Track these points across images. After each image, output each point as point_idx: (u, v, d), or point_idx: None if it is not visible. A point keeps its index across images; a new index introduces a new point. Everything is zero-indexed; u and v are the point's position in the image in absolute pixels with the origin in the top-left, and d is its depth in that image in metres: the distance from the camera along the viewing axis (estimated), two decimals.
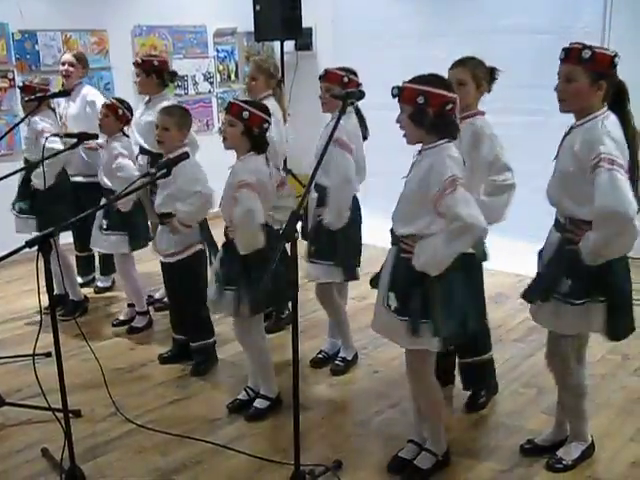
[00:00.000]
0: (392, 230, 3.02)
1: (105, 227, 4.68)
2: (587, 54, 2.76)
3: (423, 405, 3.20)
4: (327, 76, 3.96)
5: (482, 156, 3.37)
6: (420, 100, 2.77)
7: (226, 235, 3.59)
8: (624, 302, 2.95)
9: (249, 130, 3.48)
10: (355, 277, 4.06)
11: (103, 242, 4.76)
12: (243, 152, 3.54)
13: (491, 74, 3.46)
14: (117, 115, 4.60)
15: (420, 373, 3.11)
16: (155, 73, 5.04)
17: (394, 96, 2.84)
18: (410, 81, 2.84)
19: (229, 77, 8.31)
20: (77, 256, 5.69)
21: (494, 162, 3.40)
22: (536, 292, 3.05)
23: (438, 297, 2.84)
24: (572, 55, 2.80)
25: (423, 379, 3.13)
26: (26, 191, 4.92)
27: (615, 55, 2.79)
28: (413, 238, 2.87)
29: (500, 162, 3.41)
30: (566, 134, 2.94)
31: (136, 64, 5.06)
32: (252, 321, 3.71)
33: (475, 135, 3.37)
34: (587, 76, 2.77)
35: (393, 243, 3.02)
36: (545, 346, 3.23)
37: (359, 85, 3.93)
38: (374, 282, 3.13)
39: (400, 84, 2.84)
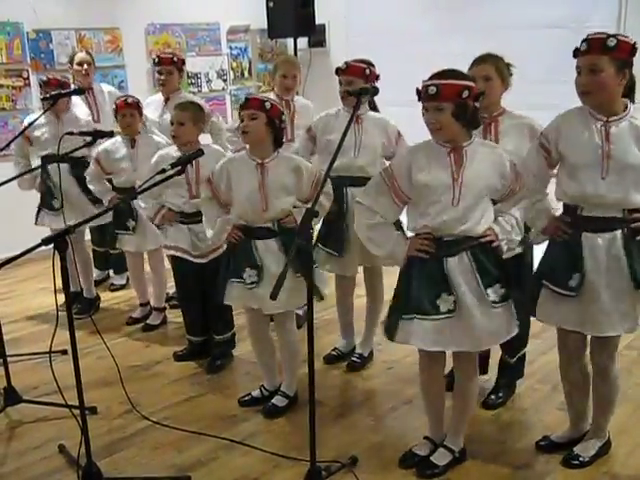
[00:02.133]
0: (443, 239, 2.92)
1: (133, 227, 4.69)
2: (612, 42, 2.71)
3: (466, 401, 3.20)
4: (349, 69, 3.93)
5: None
6: (465, 94, 2.77)
7: (280, 227, 3.54)
8: None
9: (271, 121, 3.46)
10: None
11: (160, 237, 4.56)
12: (267, 146, 3.51)
13: (508, 69, 3.45)
14: (140, 110, 4.65)
15: (474, 369, 3.15)
16: (181, 71, 5.10)
17: (431, 96, 2.78)
18: (438, 77, 2.82)
19: (242, 74, 8.31)
20: (94, 250, 5.72)
21: None
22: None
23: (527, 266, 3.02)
24: (596, 45, 2.74)
25: (475, 375, 3.18)
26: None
27: (635, 43, 2.77)
28: (488, 230, 2.93)
29: None
30: (607, 132, 2.82)
31: (169, 61, 5.04)
32: (292, 316, 3.73)
33: (533, 129, 3.35)
34: (613, 65, 2.73)
35: (453, 253, 2.91)
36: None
37: (378, 76, 3.94)
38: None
39: (421, 84, 2.83)
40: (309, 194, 3.56)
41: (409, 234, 3.10)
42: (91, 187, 4.80)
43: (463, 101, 2.78)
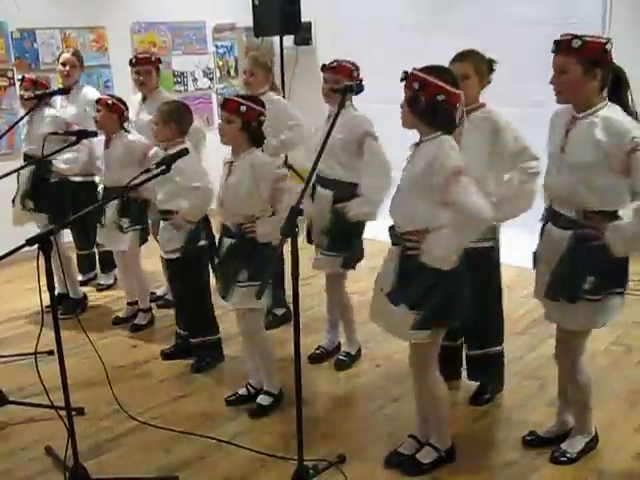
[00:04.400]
0: (392, 228, 3.00)
1: (127, 225, 4.65)
2: (577, 44, 2.75)
3: (427, 400, 3.19)
4: (338, 68, 3.93)
5: (508, 146, 3.40)
6: (415, 86, 2.81)
7: (241, 230, 3.56)
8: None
9: (247, 125, 3.50)
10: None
11: (123, 241, 4.67)
12: (243, 147, 3.55)
13: (489, 65, 3.46)
14: (108, 107, 4.54)
15: (424, 368, 3.10)
16: (158, 70, 5.07)
17: (401, 80, 2.88)
18: (419, 69, 2.86)
19: (229, 73, 8.29)
20: (78, 254, 5.70)
21: (523, 151, 3.42)
22: (560, 293, 2.95)
23: (450, 289, 2.87)
24: (562, 47, 2.80)
25: (427, 374, 3.11)
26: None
27: (607, 42, 2.77)
28: (417, 234, 2.87)
29: (528, 150, 3.43)
30: (568, 127, 2.89)
31: (147, 61, 5.01)
32: (260, 316, 3.75)
33: (495, 126, 3.38)
34: (580, 66, 2.76)
35: (395, 243, 3.00)
36: (550, 339, 3.24)
37: (361, 80, 3.92)
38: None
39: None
40: (267, 194, 3.53)
41: None
42: None
43: (415, 94, 2.82)
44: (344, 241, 3.97)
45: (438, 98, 2.80)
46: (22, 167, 4.61)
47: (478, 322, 3.32)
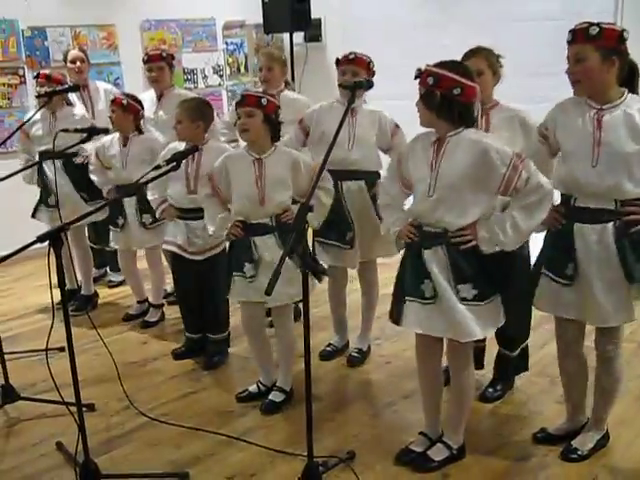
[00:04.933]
0: (419, 228, 2.96)
1: (151, 221, 4.65)
2: (595, 30, 2.72)
3: (457, 396, 3.18)
4: (356, 60, 3.93)
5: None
6: (430, 81, 2.79)
7: (280, 221, 3.55)
8: None
9: (268, 117, 3.48)
10: None
11: (149, 237, 4.68)
12: (267, 142, 3.54)
13: (498, 61, 3.45)
14: (123, 107, 4.55)
15: (467, 360, 3.11)
16: (173, 66, 5.08)
17: (415, 77, 2.87)
18: (432, 65, 2.85)
19: (239, 70, 8.30)
20: (91, 248, 5.71)
21: None
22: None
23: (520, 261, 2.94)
24: (579, 35, 2.77)
25: (469, 366, 3.13)
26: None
27: (624, 30, 2.75)
28: (469, 227, 2.87)
29: None
30: (598, 119, 2.82)
31: (159, 57, 5.01)
32: (289, 310, 3.74)
33: (525, 123, 3.37)
34: (598, 53, 2.73)
35: (429, 246, 2.92)
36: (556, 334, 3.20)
37: (374, 73, 3.94)
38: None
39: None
40: (306, 188, 3.54)
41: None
42: (93, 177, 4.83)
43: (429, 89, 2.80)
44: None
45: (454, 92, 2.78)
46: (38, 162, 4.64)
47: (512, 321, 3.19)
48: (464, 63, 3.04)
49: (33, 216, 5.09)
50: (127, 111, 4.57)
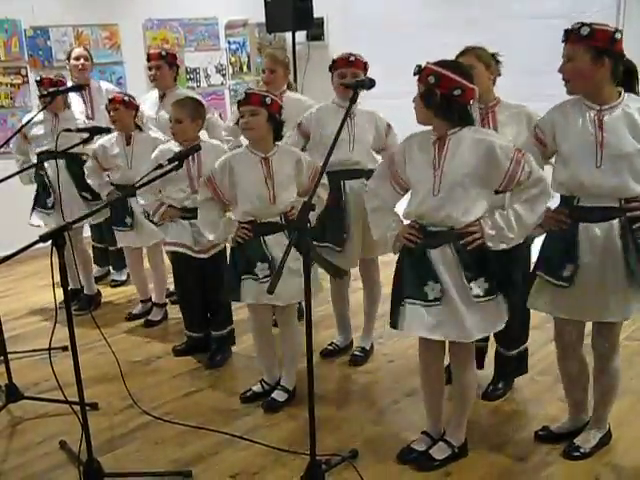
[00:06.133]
0: (424, 228, 2.95)
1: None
2: (585, 31, 2.74)
3: (462, 396, 3.18)
4: (356, 62, 3.94)
5: None
6: (431, 80, 2.79)
7: (288, 219, 3.57)
8: None
9: (272, 116, 3.49)
10: None
11: (157, 233, 4.56)
12: (270, 141, 3.55)
13: (493, 58, 3.44)
14: (125, 104, 4.55)
15: (469, 359, 3.11)
16: (175, 66, 5.08)
17: (415, 74, 2.87)
18: (433, 63, 2.85)
19: (241, 69, 8.30)
20: (94, 247, 5.73)
21: None
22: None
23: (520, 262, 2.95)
24: (571, 35, 2.79)
25: (471, 365, 3.13)
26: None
27: (616, 30, 2.75)
28: (473, 224, 2.87)
29: None
30: (599, 119, 2.82)
31: (157, 56, 5.01)
32: (295, 309, 3.76)
33: (531, 118, 3.35)
34: (588, 54, 2.74)
35: (436, 245, 2.92)
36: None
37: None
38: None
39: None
40: (307, 186, 3.60)
41: (405, 222, 3.10)
42: (89, 181, 4.81)
43: (430, 86, 2.80)
44: None
45: (454, 93, 2.79)
46: (32, 165, 4.65)
47: (512, 320, 3.18)
48: (463, 63, 3.03)
49: (30, 222, 5.05)
50: (128, 107, 4.59)
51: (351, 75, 3.90)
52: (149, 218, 4.49)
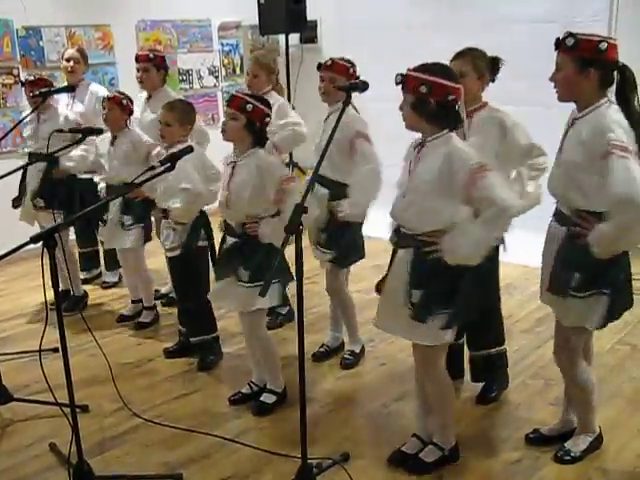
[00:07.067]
0: (397, 231, 3.00)
1: (130, 223, 4.63)
2: (570, 42, 2.76)
3: (434, 398, 3.16)
4: (334, 67, 3.93)
5: (517, 144, 3.39)
6: (423, 90, 2.76)
7: (244, 229, 3.54)
8: (624, 295, 2.93)
9: (251, 124, 3.47)
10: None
11: (125, 239, 4.65)
12: (246, 146, 3.52)
13: (493, 64, 3.43)
14: (122, 106, 4.55)
15: (435, 366, 3.08)
16: (163, 68, 5.06)
17: (397, 83, 2.83)
18: (414, 69, 2.82)
19: (234, 71, 8.30)
20: (80, 252, 5.71)
21: (531, 148, 3.42)
22: (553, 287, 2.98)
23: (468, 285, 2.85)
24: (560, 44, 2.81)
25: (438, 372, 3.09)
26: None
27: (602, 40, 2.74)
28: (434, 234, 2.85)
29: (536, 147, 3.43)
30: (569, 126, 2.91)
31: (145, 58, 5.00)
32: (263, 315, 3.74)
33: (503, 125, 3.38)
34: (574, 64, 2.76)
35: (402, 246, 2.97)
36: (553, 338, 3.21)
37: (357, 78, 3.90)
38: (380, 287, 3.10)
39: (404, 72, 2.84)
40: (273, 198, 3.45)
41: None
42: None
43: (422, 96, 2.77)
44: (338, 239, 3.96)
45: (449, 98, 2.77)
46: (27, 164, 4.63)
47: (478, 322, 3.29)
48: (445, 64, 2.98)
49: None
50: (124, 110, 4.58)
51: (328, 80, 3.91)
52: (122, 220, 4.60)
